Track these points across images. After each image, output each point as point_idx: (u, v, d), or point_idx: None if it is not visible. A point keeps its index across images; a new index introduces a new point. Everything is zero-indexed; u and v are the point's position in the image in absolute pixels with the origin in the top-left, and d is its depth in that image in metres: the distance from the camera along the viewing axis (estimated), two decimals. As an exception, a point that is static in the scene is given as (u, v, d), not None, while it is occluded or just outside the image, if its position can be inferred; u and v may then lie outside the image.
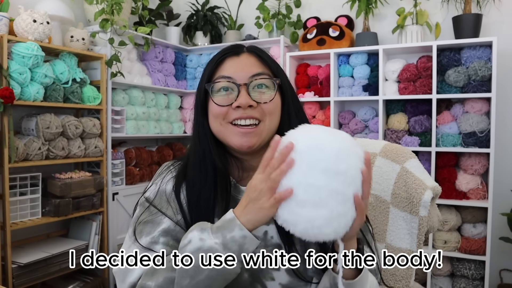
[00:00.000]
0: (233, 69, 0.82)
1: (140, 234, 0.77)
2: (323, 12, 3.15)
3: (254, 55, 0.85)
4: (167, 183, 0.85)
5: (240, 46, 0.86)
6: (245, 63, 0.83)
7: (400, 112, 2.74)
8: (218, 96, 0.82)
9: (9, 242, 2.07)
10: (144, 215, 0.80)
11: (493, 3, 2.58)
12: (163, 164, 0.93)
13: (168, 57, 3.19)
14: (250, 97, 0.79)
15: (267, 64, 0.84)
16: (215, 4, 3.50)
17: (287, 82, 0.86)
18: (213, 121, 0.83)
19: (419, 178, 0.90)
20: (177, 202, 0.81)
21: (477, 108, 2.51)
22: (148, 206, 0.82)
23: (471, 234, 2.51)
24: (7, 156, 2.05)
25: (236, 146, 0.80)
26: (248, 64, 0.83)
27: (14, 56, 2.10)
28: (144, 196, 0.86)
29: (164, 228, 0.77)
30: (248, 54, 0.85)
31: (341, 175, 0.61)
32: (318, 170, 0.61)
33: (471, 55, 2.50)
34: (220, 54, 0.85)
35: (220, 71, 0.83)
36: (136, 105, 2.91)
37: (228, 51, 0.85)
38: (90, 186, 2.47)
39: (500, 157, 2.61)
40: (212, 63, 0.85)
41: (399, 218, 0.92)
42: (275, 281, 0.78)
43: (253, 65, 0.83)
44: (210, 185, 0.81)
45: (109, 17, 2.54)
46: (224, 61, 0.84)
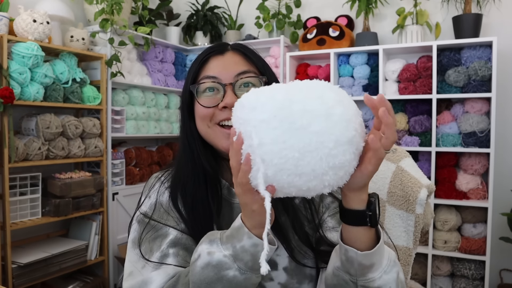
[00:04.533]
0: (217, 69, 0.79)
1: (150, 252, 0.73)
2: (323, 12, 3.15)
3: (239, 53, 0.82)
4: (162, 194, 0.82)
5: (225, 44, 0.84)
6: (230, 61, 0.80)
7: (400, 112, 2.74)
8: (203, 97, 0.79)
9: (9, 242, 2.08)
10: (147, 232, 0.77)
11: (493, 3, 2.57)
12: (152, 176, 0.89)
13: (168, 57, 3.20)
14: (237, 96, 0.76)
15: (252, 61, 0.82)
16: (215, 4, 3.51)
17: (274, 79, 0.83)
18: (200, 123, 0.80)
19: (414, 176, 0.90)
20: (177, 211, 0.78)
21: (477, 108, 2.51)
22: (148, 221, 0.78)
23: (471, 234, 2.51)
24: (7, 156, 2.05)
25: (224, 148, 0.77)
26: (232, 62, 0.80)
27: (14, 56, 2.10)
28: (140, 211, 0.81)
29: (172, 239, 0.74)
30: (233, 52, 0.83)
31: (304, 128, 0.51)
32: (277, 134, 0.51)
33: (471, 55, 2.49)
34: (204, 54, 0.83)
35: (204, 71, 0.81)
36: (136, 105, 2.92)
37: (212, 50, 0.83)
38: (90, 186, 2.47)
39: (500, 157, 2.61)
40: (196, 63, 0.82)
41: (395, 216, 0.92)
42: (274, 281, 0.78)
43: (238, 63, 0.80)
44: (203, 190, 0.78)
45: (109, 17, 2.55)
46: (208, 60, 0.82)
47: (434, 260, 2.60)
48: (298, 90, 0.54)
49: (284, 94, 0.53)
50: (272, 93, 0.54)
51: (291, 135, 0.50)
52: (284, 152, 0.50)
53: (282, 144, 0.50)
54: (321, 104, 0.52)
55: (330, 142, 0.51)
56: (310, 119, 0.51)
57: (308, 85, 0.56)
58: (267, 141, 0.51)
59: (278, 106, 0.52)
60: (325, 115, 0.51)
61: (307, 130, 0.50)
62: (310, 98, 0.52)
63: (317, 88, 0.55)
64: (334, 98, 0.53)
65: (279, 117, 0.51)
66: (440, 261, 2.61)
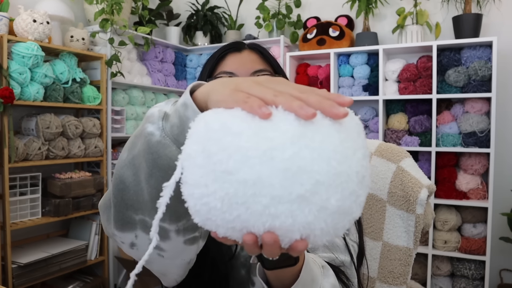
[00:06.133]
0: (235, 65, 0.81)
1: None
2: (323, 12, 3.15)
3: (256, 51, 0.84)
4: None
5: (241, 43, 0.86)
6: (247, 59, 0.82)
7: (400, 112, 2.74)
8: None
9: (9, 242, 2.07)
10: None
11: (493, 3, 2.57)
12: None
13: (168, 57, 3.20)
14: None
15: (268, 61, 0.84)
16: (215, 4, 3.51)
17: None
18: None
19: (414, 176, 0.90)
20: None
21: (477, 108, 2.51)
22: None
23: (471, 234, 2.51)
24: (7, 156, 2.05)
25: None
26: (249, 60, 0.82)
27: (14, 56, 2.10)
28: None
29: None
30: (250, 51, 0.84)
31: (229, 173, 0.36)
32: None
33: (471, 55, 2.49)
34: (221, 50, 0.84)
35: (221, 67, 0.82)
36: (136, 105, 2.92)
37: (229, 47, 0.84)
38: (90, 186, 2.47)
39: (500, 157, 2.61)
40: (213, 59, 0.84)
41: (396, 216, 0.92)
42: None
43: (255, 61, 0.82)
44: None
45: (109, 17, 2.55)
46: (225, 57, 0.83)
47: (434, 260, 2.60)
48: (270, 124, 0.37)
49: (239, 124, 0.37)
50: (232, 118, 0.38)
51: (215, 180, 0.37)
52: (205, 199, 0.37)
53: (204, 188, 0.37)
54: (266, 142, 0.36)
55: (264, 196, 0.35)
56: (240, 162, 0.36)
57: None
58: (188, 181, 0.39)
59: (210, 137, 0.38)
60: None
61: (234, 176, 0.36)
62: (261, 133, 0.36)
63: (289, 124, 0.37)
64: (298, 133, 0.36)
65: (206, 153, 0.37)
66: (440, 261, 2.61)
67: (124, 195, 0.51)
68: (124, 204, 0.52)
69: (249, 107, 0.38)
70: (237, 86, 0.41)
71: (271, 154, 0.35)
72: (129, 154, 0.50)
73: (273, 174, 0.35)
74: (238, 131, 0.37)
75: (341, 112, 0.37)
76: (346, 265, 0.76)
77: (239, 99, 0.39)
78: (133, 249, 0.57)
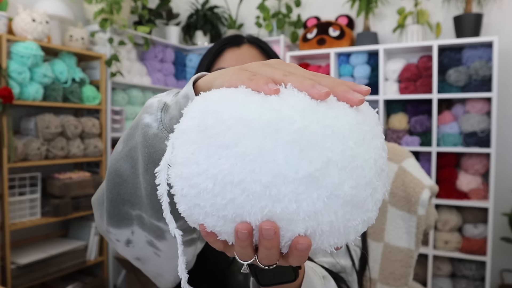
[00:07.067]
0: (234, 61, 0.76)
1: None
2: (323, 11, 3.14)
3: (255, 46, 0.79)
4: None
5: (240, 36, 0.81)
6: (246, 55, 0.77)
7: (400, 112, 2.73)
8: None
9: (8, 242, 2.07)
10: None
11: (494, 3, 2.56)
12: None
13: (167, 56, 3.19)
14: None
15: (269, 56, 0.79)
16: (215, 3, 3.50)
17: None
18: None
19: (416, 177, 0.89)
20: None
21: (478, 108, 2.50)
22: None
23: (472, 235, 2.50)
24: (6, 156, 2.05)
25: None
26: (249, 56, 0.77)
27: (13, 55, 2.09)
28: None
29: None
30: (249, 45, 0.79)
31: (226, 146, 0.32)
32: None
33: (472, 54, 2.48)
34: (219, 44, 0.79)
35: (219, 63, 0.77)
36: (136, 105, 2.91)
37: (227, 42, 0.79)
38: (90, 186, 2.46)
39: (501, 157, 2.60)
40: (210, 54, 0.79)
41: (397, 217, 0.91)
42: None
43: (255, 57, 0.77)
44: None
45: (108, 16, 2.54)
46: (223, 52, 0.78)
47: (434, 261, 2.59)
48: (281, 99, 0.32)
49: (243, 97, 0.33)
50: (235, 95, 0.33)
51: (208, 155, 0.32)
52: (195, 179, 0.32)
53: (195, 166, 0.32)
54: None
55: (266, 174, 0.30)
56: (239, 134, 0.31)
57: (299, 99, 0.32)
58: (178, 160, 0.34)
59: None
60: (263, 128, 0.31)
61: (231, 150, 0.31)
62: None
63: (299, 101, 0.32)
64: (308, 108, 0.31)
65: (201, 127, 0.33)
66: (441, 261, 2.60)
67: (121, 190, 0.48)
68: (121, 199, 0.49)
69: (255, 83, 0.33)
70: (243, 67, 0.37)
71: (276, 125, 0.30)
72: (126, 146, 0.47)
73: (277, 148, 0.30)
74: (240, 103, 0.32)
75: (357, 97, 0.32)
76: (347, 271, 0.69)
77: (244, 77, 0.34)
78: (129, 247, 0.54)
